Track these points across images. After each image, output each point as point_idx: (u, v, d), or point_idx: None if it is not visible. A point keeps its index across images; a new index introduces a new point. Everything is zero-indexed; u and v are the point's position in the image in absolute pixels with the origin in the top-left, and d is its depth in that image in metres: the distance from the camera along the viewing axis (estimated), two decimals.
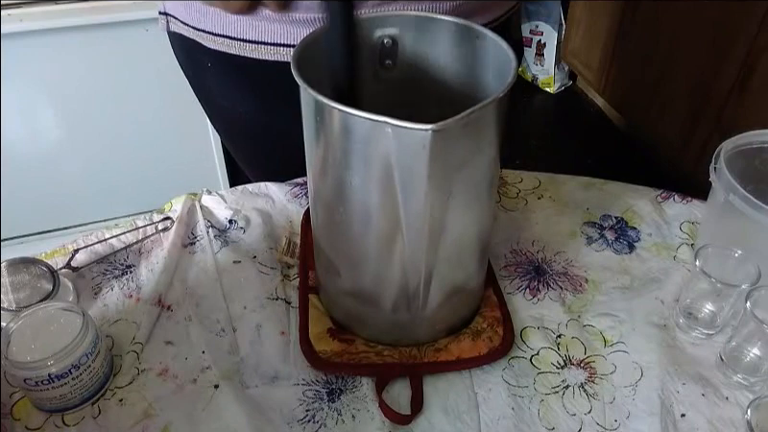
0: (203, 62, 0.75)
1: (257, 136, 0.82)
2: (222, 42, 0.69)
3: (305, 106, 0.48)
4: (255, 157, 0.88)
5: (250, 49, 0.69)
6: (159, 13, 0.76)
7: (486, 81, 0.54)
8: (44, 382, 0.50)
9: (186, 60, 0.79)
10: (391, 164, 0.43)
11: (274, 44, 0.67)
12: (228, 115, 0.83)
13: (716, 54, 1.67)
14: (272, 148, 0.82)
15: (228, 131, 0.87)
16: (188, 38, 0.73)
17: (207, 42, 0.71)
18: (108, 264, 0.67)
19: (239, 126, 0.83)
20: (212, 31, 0.69)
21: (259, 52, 0.68)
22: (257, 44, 0.68)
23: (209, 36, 0.70)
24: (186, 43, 0.74)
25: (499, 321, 0.60)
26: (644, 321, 0.62)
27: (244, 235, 0.71)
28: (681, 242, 0.71)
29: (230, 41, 0.69)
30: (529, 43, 2.50)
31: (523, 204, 0.76)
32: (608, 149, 2.24)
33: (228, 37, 0.69)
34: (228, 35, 0.68)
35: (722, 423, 0.53)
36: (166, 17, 0.76)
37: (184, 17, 0.72)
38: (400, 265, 0.51)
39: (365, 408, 0.54)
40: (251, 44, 0.68)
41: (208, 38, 0.70)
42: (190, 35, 0.72)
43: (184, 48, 0.76)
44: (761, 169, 0.66)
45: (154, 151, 1.58)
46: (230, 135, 0.88)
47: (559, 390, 0.56)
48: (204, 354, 0.58)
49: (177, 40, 0.77)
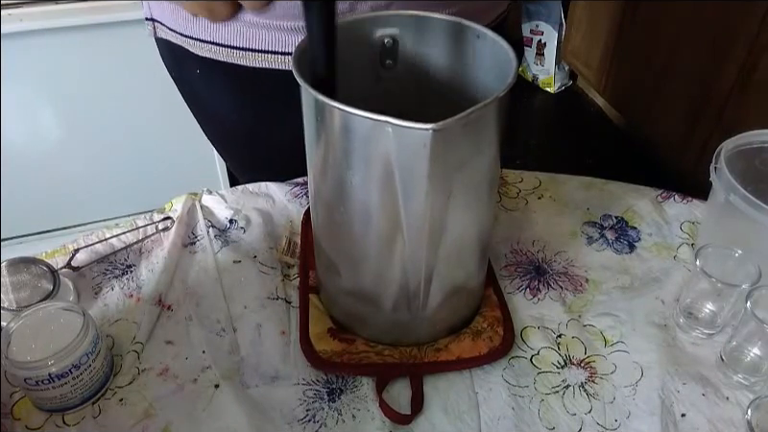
0: (190, 69, 0.74)
1: (246, 142, 0.81)
2: (209, 49, 0.69)
3: (306, 106, 0.48)
4: (245, 163, 0.87)
5: (237, 56, 0.68)
6: (146, 19, 0.75)
7: (486, 80, 0.54)
8: (44, 382, 0.50)
9: (174, 67, 0.79)
10: (391, 164, 0.43)
11: (261, 51, 0.67)
12: (216, 121, 0.82)
13: (716, 53, 1.67)
14: (260, 153, 0.81)
15: (216, 136, 0.86)
16: (176, 45, 0.72)
17: (195, 49, 0.70)
18: (108, 264, 0.67)
19: (228, 131, 0.82)
20: (200, 37, 0.69)
21: (247, 59, 0.68)
22: (245, 51, 0.67)
23: (197, 43, 0.69)
24: (174, 49, 0.73)
25: (499, 320, 0.60)
26: (644, 320, 0.62)
27: (244, 235, 0.71)
28: (681, 242, 0.71)
29: (218, 48, 0.68)
30: (529, 43, 2.50)
31: (524, 203, 0.76)
32: (608, 149, 2.24)
33: (216, 44, 0.68)
34: (215, 41, 0.68)
35: (722, 423, 0.53)
36: (153, 23, 0.75)
37: (171, 23, 0.71)
38: (401, 265, 0.51)
39: (365, 408, 0.54)
40: (238, 51, 0.68)
41: (196, 45, 0.70)
42: (177, 41, 0.72)
43: (172, 54, 0.75)
44: (762, 169, 0.66)
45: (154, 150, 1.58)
46: (220, 141, 0.87)
47: (559, 390, 0.56)
48: (205, 354, 0.58)
49: (164, 47, 0.76)
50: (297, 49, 0.49)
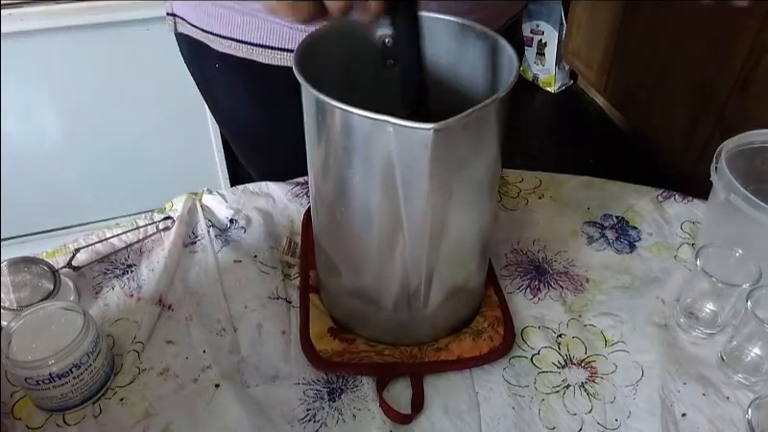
0: (209, 64, 0.75)
1: (261, 139, 0.82)
2: (229, 45, 0.70)
3: (307, 105, 0.48)
4: (259, 159, 0.88)
5: (256, 53, 0.69)
6: (167, 14, 0.77)
7: (487, 80, 0.54)
8: (45, 381, 0.50)
9: (193, 61, 0.80)
10: (392, 163, 0.43)
11: (280, 49, 0.68)
12: (232, 116, 0.83)
13: (717, 53, 1.67)
14: (275, 151, 0.82)
15: (232, 131, 0.87)
16: (195, 40, 0.73)
17: (215, 44, 0.71)
18: (108, 263, 0.67)
19: (243, 127, 0.83)
20: (220, 33, 0.70)
21: (266, 56, 0.69)
22: (264, 48, 0.68)
23: (217, 39, 0.70)
24: (193, 44, 0.74)
25: (500, 320, 0.60)
26: (645, 320, 0.62)
27: (245, 235, 0.71)
28: (681, 242, 0.71)
29: (237, 44, 0.69)
30: (530, 43, 2.50)
31: (524, 203, 0.76)
32: (608, 148, 2.24)
33: (236, 40, 0.69)
34: (235, 37, 0.69)
35: (723, 423, 0.53)
36: (174, 18, 0.76)
37: (192, 19, 0.72)
38: (401, 264, 0.51)
39: (365, 407, 0.54)
40: (257, 48, 0.68)
41: (216, 41, 0.71)
42: (198, 36, 0.73)
43: (192, 49, 0.77)
44: (762, 169, 0.66)
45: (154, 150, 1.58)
46: (235, 136, 0.88)
47: (559, 389, 0.56)
48: (205, 354, 0.58)
49: (184, 41, 0.77)
50: (299, 48, 0.48)
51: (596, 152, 2.21)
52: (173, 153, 1.59)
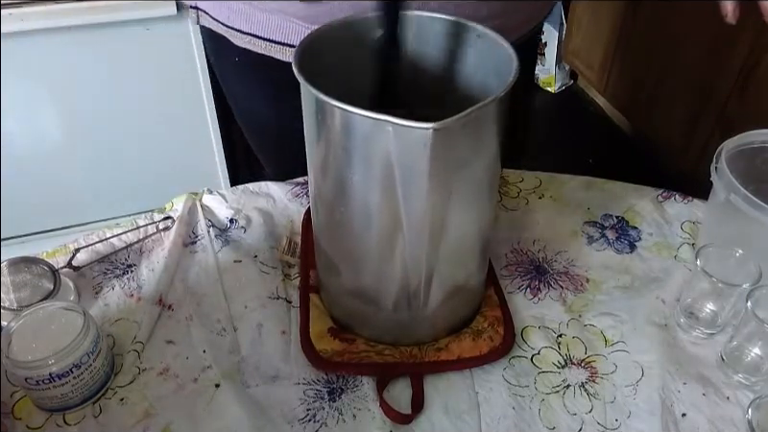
0: (229, 58, 0.76)
1: (277, 135, 0.83)
2: (248, 41, 0.70)
3: (306, 103, 0.48)
4: (275, 155, 0.89)
5: (275, 49, 0.69)
6: (190, 7, 0.78)
7: (487, 80, 0.54)
8: (45, 381, 0.50)
9: (214, 54, 0.82)
10: (391, 163, 0.43)
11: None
12: (249, 112, 0.84)
13: (717, 53, 1.67)
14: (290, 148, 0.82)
15: (248, 126, 0.88)
16: (217, 34, 0.74)
17: (235, 39, 0.72)
18: (108, 263, 0.67)
19: (260, 123, 0.84)
20: (240, 29, 0.70)
21: (284, 53, 0.69)
22: (282, 45, 0.69)
23: (237, 34, 0.71)
24: (215, 38, 0.76)
25: (500, 320, 0.60)
26: (645, 320, 0.62)
27: (245, 235, 0.71)
28: (682, 241, 0.71)
29: (257, 40, 0.70)
30: None
31: (524, 203, 0.76)
32: (609, 148, 2.24)
33: (255, 36, 0.70)
34: (255, 33, 0.69)
35: (723, 423, 0.53)
36: (197, 11, 0.77)
37: (214, 13, 0.73)
38: (401, 264, 0.51)
39: (366, 407, 0.54)
40: (276, 45, 0.69)
41: (236, 36, 0.71)
42: (219, 30, 0.74)
43: (213, 42, 0.78)
44: (762, 168, 0.66)
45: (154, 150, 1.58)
46: (251, 131, 0.89)
47: (559, 389, 0.56)
48: (205, 354, 0.58)
49: (206, 34, 0.79)
50: (299, 46, 0.48)
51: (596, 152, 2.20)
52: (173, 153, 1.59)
